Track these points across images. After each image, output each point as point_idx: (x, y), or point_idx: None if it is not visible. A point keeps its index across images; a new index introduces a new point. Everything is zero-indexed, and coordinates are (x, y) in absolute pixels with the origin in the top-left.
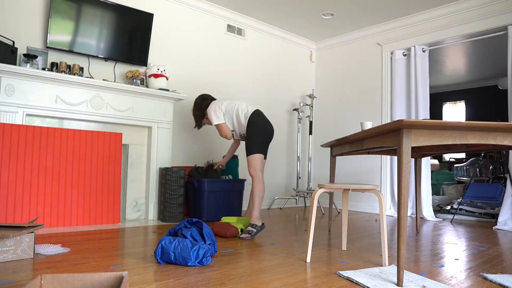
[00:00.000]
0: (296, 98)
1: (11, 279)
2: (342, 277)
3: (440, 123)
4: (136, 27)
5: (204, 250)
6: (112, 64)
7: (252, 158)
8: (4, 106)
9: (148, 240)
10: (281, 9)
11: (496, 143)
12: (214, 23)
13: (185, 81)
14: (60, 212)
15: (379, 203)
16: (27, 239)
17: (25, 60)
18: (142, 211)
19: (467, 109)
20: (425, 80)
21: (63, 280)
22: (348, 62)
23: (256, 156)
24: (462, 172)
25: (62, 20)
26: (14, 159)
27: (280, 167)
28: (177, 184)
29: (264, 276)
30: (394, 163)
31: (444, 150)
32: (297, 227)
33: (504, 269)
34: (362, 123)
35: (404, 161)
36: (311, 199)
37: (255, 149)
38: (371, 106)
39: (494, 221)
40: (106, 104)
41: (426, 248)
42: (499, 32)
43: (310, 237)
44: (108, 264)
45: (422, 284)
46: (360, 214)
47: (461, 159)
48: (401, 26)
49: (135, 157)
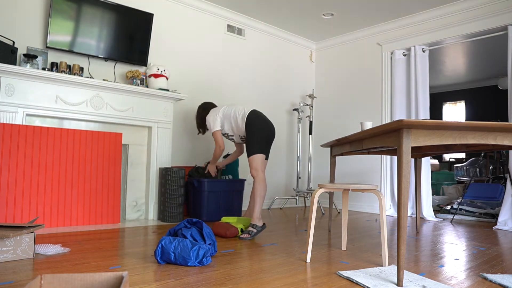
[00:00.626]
0: (296, 98)
1: (11, 279)
2: (342, 277)
3: (440, 123)
4: (136, 27)
5: (204, 250)
6: (112, 64)
7: (253, 159)
8: (4, 106)
9: (148, 240)
10: (281, 9)
11: (496, 143)
12: (214, 23)
13: (185, 81)
14: (60, 212)
15: (379, 203)
16: (27, 239)
17: (25, 60)
18: (142, 211)
19: (467, 109)
20: (425, 80)
21: (63, 280)
22: (348, 62)
23: (256, 157)
24: (462, 172)
25: (62, 20)
26: (14, 159)
27: (280, 167)
28: (177, 184)
29: (264, 276)
30: (394, 163)
31: (444, 150)
32: (297, 227)
33: (504, 269)
34: (362, 123)
35: (404, 161)
36: (311, 199)
37: (255, 149)
38: (371, 106)
39: (494, 221)
40: (106, 104)
41: (426, 248)
42: (499, 32)
43: (310, 237)
44: (108, 264)
45: (422, 284)
46: (360, 214)
47: (461, 159)
48: (401, 26)
49: (135, 157)
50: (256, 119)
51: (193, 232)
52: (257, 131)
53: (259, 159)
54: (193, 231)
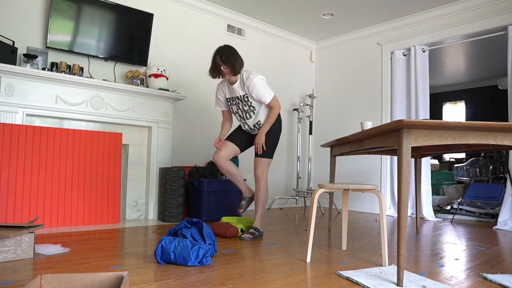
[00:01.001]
0: (296, 98)
1: (11, 279)
2: (342, 277)
3: (440, 123)
4: (136, 27)
5: (204, 250)
6: (112, 64)
7: (267, 162)
8: (4, 106)
9: (148, 240)
10: (281, 9)
11: (496, 143)
12: (214, 23)
13: (185, 81)
14: (60, 212)
15: (379, 203)
16: (27, 239)
17: (25, 60)
18: (142, 211)
19: (467, 109)
20: (425, 80)
21: (63, 280)
22: (348, 62)
23: (269, 161)
24: (462, 172)
25: (62, 20)
26: (14, 159)
27: (280, 167)
28: (177, 184)
29: (264, 276)
30: (394, 163)
31: (444, 150)
32: (297, 227)
33: (504, 269)
34: (362, 123)
35: (404, 161)
36: (311, 199)
37: (272, 153)
38: (371, 106)
39: (494, 221)
40: (106, 104)
41: (426, 248)
42: (499, 32)
43: (310, 237)
44: (108, 264)
45: (422, 284)
46: (360, 214)
47: (461, 159)
48: (401, 26)
49: (135, 157)
50: (280, 117)
51: (193, 232)
52: (278, 133)
53: (269, 163)
54: (193, 231)
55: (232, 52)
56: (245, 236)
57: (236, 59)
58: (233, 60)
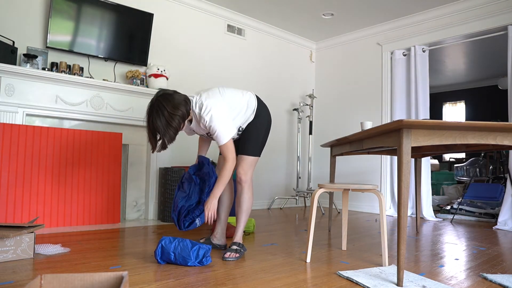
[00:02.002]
0: (296, 98)
1: (11, 279)
2: (342, 277)
3: (440, 123)
4: (136, 27)
5: (204, 250)
6: (112, 64)
7: (251, 160)
8: (4, 106)
9: (148, 240)
10: (281, 9)
11: (496, 143)
12: (214, 23)
13: (185, 81)
14: (60, 212)
15: (379, 203)
16: (27, 239)
17: (25, 60)
18: (142, 211)
19: (467, 109)
20: (425, 80)
21: (63, 280)
22: (348, 62)
23: (255, 160)
24: (462, 172)
25: (62, 20)
26: (14, 159)
27: (280, 167)
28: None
29: (264, 276)
30: (394, 163)
31: (444, 150)
32: (297, 227)
33: (504, 269)
34: (362, 123)
35: (404, 161)
36: (311, 199)
37: (257, 150)
38: (371, 106)
39: (494, 221)
40: (106, 104)
41: (426, 248)
42: (499, 32)
43: (310, 237)
44: (108, 264)
45: (422, 284)
46: (360, 214)
47: (461, 159)
48: (401, 26)
49: (135, 157)
50: (264, 110)
51: (194, 189)
52: (266, 128)
53: (254, 162)
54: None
55: (161, 112)
56: (228, 255)
57: (170, 120)
58: (165, 125)
